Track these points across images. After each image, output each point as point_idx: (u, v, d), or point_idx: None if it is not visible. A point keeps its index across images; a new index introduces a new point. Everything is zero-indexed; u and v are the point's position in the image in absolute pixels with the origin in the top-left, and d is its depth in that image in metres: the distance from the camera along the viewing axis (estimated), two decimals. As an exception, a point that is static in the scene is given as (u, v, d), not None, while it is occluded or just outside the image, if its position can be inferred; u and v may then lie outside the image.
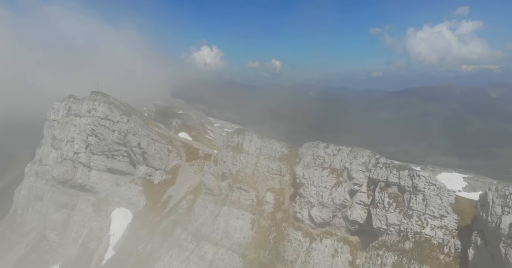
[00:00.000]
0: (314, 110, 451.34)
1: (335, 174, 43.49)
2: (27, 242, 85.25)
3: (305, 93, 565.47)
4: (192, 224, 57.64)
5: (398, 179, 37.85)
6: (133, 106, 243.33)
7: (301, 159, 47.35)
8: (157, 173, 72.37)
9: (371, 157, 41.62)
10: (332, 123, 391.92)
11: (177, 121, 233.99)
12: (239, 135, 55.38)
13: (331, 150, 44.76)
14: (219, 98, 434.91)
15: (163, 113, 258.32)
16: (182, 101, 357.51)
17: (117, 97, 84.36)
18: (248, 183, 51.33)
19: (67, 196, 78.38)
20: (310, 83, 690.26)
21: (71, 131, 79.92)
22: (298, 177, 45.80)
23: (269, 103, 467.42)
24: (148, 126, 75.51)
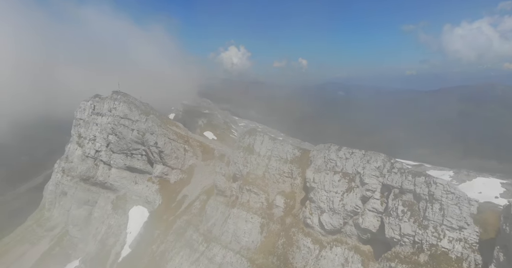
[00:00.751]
0: (342, 109, 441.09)
1: (347, 179, 41.45)
2: (52, 237, 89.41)
3: (333, 92, 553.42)
4: (203, 225, 57.52)
5: (414, 186, 35.28)
6: (162, 105, 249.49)
7: (312, 162, 45.66)
8: (173, 172, 73.11)
9: (386, 162, 39.19)
10: (361, 123, 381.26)
11: (203, 120, 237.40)
12: (250, 136, 54.49)
13: (343, 153, 42.73)
14: (245, 97, 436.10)
15: (190, 113, 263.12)
16: (208, 101, 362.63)
17: (138, 96, 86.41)
18: (258, 185, 50.30)
19: (88, 193, 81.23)
20: (338, 82, 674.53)
21: (93, 129, 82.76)
22: (309, 181, 44.16)
23: (295, 103, 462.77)
24: (165, 125, 76.49)
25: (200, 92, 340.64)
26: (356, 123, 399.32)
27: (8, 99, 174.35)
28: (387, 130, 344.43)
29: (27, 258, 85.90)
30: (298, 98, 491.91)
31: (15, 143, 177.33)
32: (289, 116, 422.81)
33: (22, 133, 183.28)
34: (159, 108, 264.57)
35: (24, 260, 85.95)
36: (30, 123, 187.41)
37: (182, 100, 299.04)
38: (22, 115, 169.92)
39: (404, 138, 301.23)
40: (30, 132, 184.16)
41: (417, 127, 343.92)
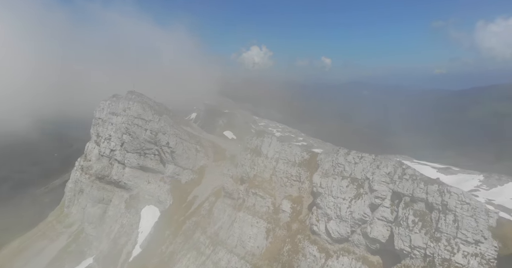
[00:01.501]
0: (366, 109, 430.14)
1: (355, 185, 39.32)
2: (69, 233, 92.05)
3: (357, 91, 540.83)
4: (211, 227, 56.93)
5: (426, 194, 32.77)
6: (184, 105, 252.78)
7: (319, 166, 43.79)
8: (185, 173, 73.12)
9: (397, 167, 36.76)
10: (386, 124, 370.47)
11: (223, 120, 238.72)
12: (258, 137, 53.23)
13: (352, 157, 40.59)
14: (266, 97, 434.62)
15: (211, 112, 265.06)
16: (230, 100, 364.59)
17: (153, 96, 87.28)
18: (265, 189, 48.96)
19: (103, 192, 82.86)
20: (362, 81, 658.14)
21: (108, 129, 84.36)
22: (315, 185, 42.35)
23: (318, 102, 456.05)
24: (178, 125, 76.68)
25: (221, 91, 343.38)
26: (381, 123, 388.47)
27: (33, 98, 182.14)
28: (413, 131, 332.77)
29: (46, 254, 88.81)
30: (321, 98, 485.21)
31: (45, 140, 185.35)
32: (311, 115, 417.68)
33: (49, 131, 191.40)
34: (182, 107, 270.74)
35: (43, 255, 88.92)
36: (56, 122, 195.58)
37: (204, 100, 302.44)
38: (48, 114, 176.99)
39: (431, 140, 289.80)
40: (56, 130, 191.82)
41: (446, 128, 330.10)
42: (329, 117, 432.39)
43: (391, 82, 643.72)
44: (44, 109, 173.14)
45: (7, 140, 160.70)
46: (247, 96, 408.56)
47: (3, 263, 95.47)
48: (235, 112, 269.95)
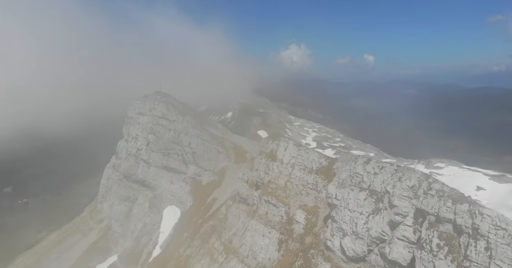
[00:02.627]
0: (412, 109, 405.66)
1: (374, 198, 35.12)
2: (99, 229, 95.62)
3: (402, 90, 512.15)
4: (225, 233, 55.16)
5: (454, 214, 27.99)
6: (221, 104, 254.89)
7: (336, 175, 39.99)
8: (206, 174, 72.22)
9: (422, 181, 32.08)
10: (434, 125, 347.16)
11: (257, 119, 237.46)
12: (274, 141, 50.32)
13: (371, 167, 36.35)
14: (303, 96, 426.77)
15: (246, 111, 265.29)
16: (266, 100, 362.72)
17: (178, 97, 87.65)
18: (278, 196, 46.02)
19: (129, 190, 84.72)
20: (408, 79, 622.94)
21: (136, 128, 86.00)
22: (331, 196, 38.68)
23: (359, 101, 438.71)
24: (201, 126, 75.95)
25: (258, 91, 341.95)
26: (428, 124, 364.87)
27: (77, 98, 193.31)
28: (465, 133, 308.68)
29: (77, 248, 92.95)
30: (362, 96, 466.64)
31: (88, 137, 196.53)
32: (351, 115, 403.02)
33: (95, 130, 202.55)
34: (219, 107, 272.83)
35: (75, 249, 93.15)
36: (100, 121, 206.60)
37: (240, 99, 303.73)
38: (90, 114, 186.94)
39: (485, 143, 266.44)
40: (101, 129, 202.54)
41: (504, 131, 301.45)
42: (370, 117, 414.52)
43: (441, 81, 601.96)
44: (83, 107, 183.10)
45: (51, 137, 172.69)
46: (284, 96, 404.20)
47: (42, 253, 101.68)
48: (270, 112, 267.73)
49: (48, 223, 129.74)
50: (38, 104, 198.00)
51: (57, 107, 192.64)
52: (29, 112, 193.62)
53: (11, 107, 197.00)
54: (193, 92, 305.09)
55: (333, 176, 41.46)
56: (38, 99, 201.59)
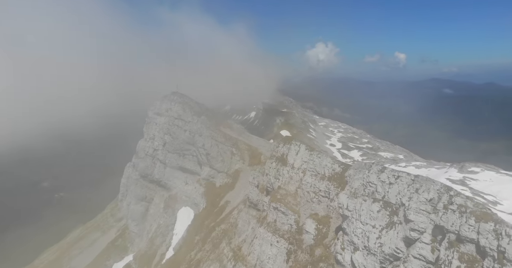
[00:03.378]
0: (448, 109, 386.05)
1: (388, 211, 32.05)
2: (118, 227, 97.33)
3: (437, 89, 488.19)
4: (235, 239, 53.55)
5: (477, 234, 24.62)
6: (245, 104, 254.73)
7: (348, 183, 37.14)
8: (219, 176, 71.06)
9: (442, 193, 28.72)
10: (472, 126, 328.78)
11: (280, 119, 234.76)
12: (285, 144, 47.94)
13: (386, 176, 33.24)
14: (329, 95, 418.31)
15: (269, 111, 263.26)
16: (290, 99, 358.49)
17: (194, 97, 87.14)
18: (288, 203, 43.68)
19: (146, 190, 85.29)
20: (444, 79, 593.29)
21: (153, 128, 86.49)
22: (342, 207, 35.90)
23: (388, 101, 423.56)
24: (215, 127, 74.87)
25: (282, 90, 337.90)
26: (465, 125, 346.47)
27: (96, 97, 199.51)
28: (507, 135, 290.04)
29: (97, 245, 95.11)
30: (392, 96, 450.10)
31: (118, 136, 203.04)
32: (380, 115, 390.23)
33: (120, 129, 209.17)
34: (242, 107, 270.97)
35: (95, 246, 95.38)
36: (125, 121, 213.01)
37: (263, 99, 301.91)
38: (114, 113, 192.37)
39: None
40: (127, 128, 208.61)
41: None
42: (401, 117, 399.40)
43: (481, 79, 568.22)
44: (106, 106, 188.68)
45: (79, 135, 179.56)
46: (309, 95, 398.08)
47: (64, 250, 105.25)
48: (294, 111, 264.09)
49: (78, 218, 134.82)
50: (60, 103, 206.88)
51: (78, 106, 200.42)
52: (52, 112, 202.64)
53: (37, 106, 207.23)
54: (217, 92, 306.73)
55: (346, 184, 38.61)
56: (61, 98, 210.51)
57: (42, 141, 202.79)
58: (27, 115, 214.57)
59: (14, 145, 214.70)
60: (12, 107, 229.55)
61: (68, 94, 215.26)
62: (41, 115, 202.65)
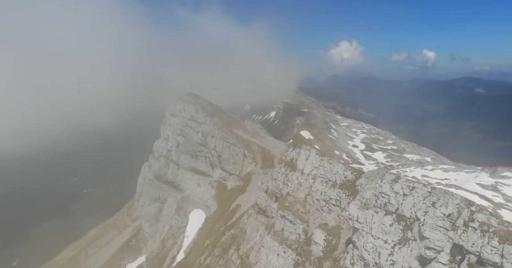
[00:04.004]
0: (479, 110, 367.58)
1: (402, 225, 29.29)
2: (134, 227, 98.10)
3: (468, 89, 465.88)
4: (244, 246, 51.91)
5: (501, 257, 21.64)
6: (264, 103, 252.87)
7: (359, 192, 34.53)
8: (231, 178, 69.62)
9: (462, 209, 25.74)
10: (506, 128, 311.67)
11: (300, 119, 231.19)
12: (294, 148, 45.71)
13: (400, 186, 30.43)
14: (353, 95, 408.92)
15: (289, 111, 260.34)
16: (312, 99, 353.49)
17: (208, 98, 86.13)
18: (296, 212, 41.44)
19: (159, 191, 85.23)
20: (476, 78, 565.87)
21: (167, 129, 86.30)
22: (352, 218, 33.38)
23: (416, 101, 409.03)
24: (229, 128, 73.48)
25: (304, 89, 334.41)
26: (498, 127, 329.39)
27: (115, 97, 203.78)
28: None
29: (113, 245, 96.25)
30: (420, 95, 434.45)
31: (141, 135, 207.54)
32: (407, 115, 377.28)
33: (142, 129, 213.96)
34: (263, 106, 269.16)
35: (111, 245, 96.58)
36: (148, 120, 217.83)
37: (284, 98, 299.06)
38: (139, 113, 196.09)
39: None
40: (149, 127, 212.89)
41: None
42: (429, 117, 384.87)
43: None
44: (132, 106, 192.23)
45: (105, 132, 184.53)
46: (332, 94, 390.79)
47: (83, 248, 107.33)
48: (315, 111, 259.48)
49: (102, 214, 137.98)
50: (83, 103, 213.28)
51: (103, 105, 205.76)
52: (74, 111, 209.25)
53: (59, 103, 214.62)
54: (237, 91, 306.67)
55: (357, 193, 36.00)
56: (81, 97, 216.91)
57: (66, 139, 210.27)
58: (49, 115, 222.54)
59: (41, 143, 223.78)
60: (34, 107, 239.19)
61: (93, 94, 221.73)
62: (63, 115, 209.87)
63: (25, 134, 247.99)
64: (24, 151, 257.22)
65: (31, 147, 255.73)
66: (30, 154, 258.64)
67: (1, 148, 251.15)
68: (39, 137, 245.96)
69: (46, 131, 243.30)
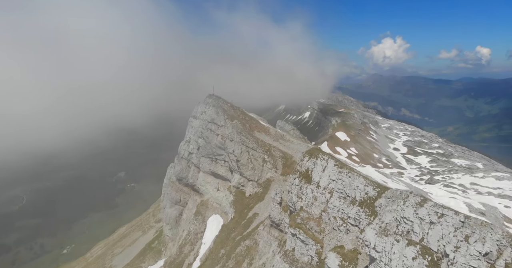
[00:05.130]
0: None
1: (427, 259, 24.15)
2: (157, 229, 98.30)
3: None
4: (256, 260, 48.40)
5: None
6: (298, 103, 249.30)
7: (377, 215, 29.60)
8: (249, 185, 66.28)
9: (504, 247, 20.31)
10: None
11: (336, 119, 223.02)
12: (310, 157, 41.22)
13: (427, 212, 25.21)
14: (396, 94, 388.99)
15: (325, 111, 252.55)
16: (351, 98, 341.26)
17: (230, 100, 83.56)
18: (309, 230, 37.04)
19: (181, 193, 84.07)
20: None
21: (189, 131, 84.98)
22: (368, 245, 28.62)
23: (467, 101, 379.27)
24: (248, 131, 70.10)
25: (342, 89, 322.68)
26: None
27: (149, 97, 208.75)
28: None
29: (137, 245, 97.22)
30: (472, 95, 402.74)
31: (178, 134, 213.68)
32: (456, 116, 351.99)
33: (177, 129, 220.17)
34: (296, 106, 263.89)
35: (135, 246, 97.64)
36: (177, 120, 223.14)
37: (319, 98, 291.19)
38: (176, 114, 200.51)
39: None
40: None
41: None
42: (482, 119, 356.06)
43: None
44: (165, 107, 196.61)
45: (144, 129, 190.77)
46: (373, 94, 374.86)
47: (110, 246, 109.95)
48: (352, 112, 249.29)
49: (143, 209, 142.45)
50: (117, 100, 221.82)
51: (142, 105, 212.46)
52: (113, 111, 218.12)
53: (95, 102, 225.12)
54: (272, 91, 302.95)
55: (376, 215, 31.02)
56: (116, 96, 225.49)
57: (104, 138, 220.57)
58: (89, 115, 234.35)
59: (82, 140, 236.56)
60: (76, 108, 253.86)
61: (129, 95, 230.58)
62: (100, 115, 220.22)
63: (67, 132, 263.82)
64: (68, 148, 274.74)
65: (75, 145, 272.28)
66: (74, 151, 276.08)
67: (49, 146, 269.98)
68: (80, 135, 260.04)
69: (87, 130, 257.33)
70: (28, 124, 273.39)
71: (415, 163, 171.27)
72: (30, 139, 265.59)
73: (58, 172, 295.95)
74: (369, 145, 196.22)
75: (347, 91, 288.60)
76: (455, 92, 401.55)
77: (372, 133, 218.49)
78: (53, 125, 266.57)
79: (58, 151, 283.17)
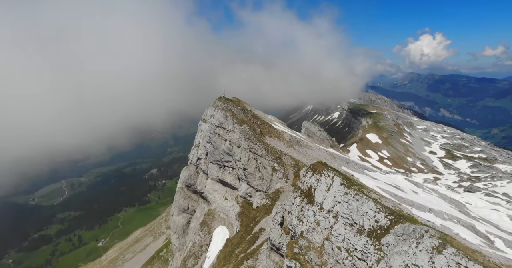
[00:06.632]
0: None
1: None
2: (167, 235, 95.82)
3: None
4: (255, 286, 43.52)
5: None
6: (327, 103, 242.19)
7: (384, 256, 23.72)
8: (257, 195, 61.32)
9: None
10: None
11: (367, 120, 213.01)
12: (314, 173, 35.60)
13: (446, 262, 19.19)
14: (435, 94, 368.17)
15: (354, 112, 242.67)
16: (384, 98, 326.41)
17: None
18: (308, 263, 31.56)
19: (188, 200, 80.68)
20: None
21: (198, 135, 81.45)
22: (371, 292, 22.90)
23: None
24: (258, 137, 65.03)
25: (376, 88, 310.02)
26: None
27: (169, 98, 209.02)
28: None
29: (147, 251, 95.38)
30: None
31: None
32: (502, 118, 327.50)
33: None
34: (324, 106, 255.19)
35: (145, 252, 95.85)
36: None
37: (350, 98, 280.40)
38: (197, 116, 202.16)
39: None
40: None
41: None
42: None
43: None
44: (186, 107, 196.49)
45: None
46: (409, 93, 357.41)
47: (123, 250, 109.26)
48: (385, 112, 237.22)
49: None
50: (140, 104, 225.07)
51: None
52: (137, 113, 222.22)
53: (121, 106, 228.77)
54: (299, 91, 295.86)
55: (383, 256, 25.06)
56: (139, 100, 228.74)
57: (125, 136, 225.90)
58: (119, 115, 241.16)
59: (105, 139, 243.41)
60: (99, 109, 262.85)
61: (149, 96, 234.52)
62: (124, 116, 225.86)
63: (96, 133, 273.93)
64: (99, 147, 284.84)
65: (105, 142, 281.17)
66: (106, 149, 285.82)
67: (77, 143, 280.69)
68: (110, 133, 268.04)
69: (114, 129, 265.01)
70: (57, 125, 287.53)
71: (454, 168, 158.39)
72: (58, 140, 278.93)
73: (93, 169, 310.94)
74: (403, 148, 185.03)
75: (381, 90, 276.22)
76: (501, 92, 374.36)
77: (406, 135, 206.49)
78: (81, 126, 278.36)
79: (90, 149, 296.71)
